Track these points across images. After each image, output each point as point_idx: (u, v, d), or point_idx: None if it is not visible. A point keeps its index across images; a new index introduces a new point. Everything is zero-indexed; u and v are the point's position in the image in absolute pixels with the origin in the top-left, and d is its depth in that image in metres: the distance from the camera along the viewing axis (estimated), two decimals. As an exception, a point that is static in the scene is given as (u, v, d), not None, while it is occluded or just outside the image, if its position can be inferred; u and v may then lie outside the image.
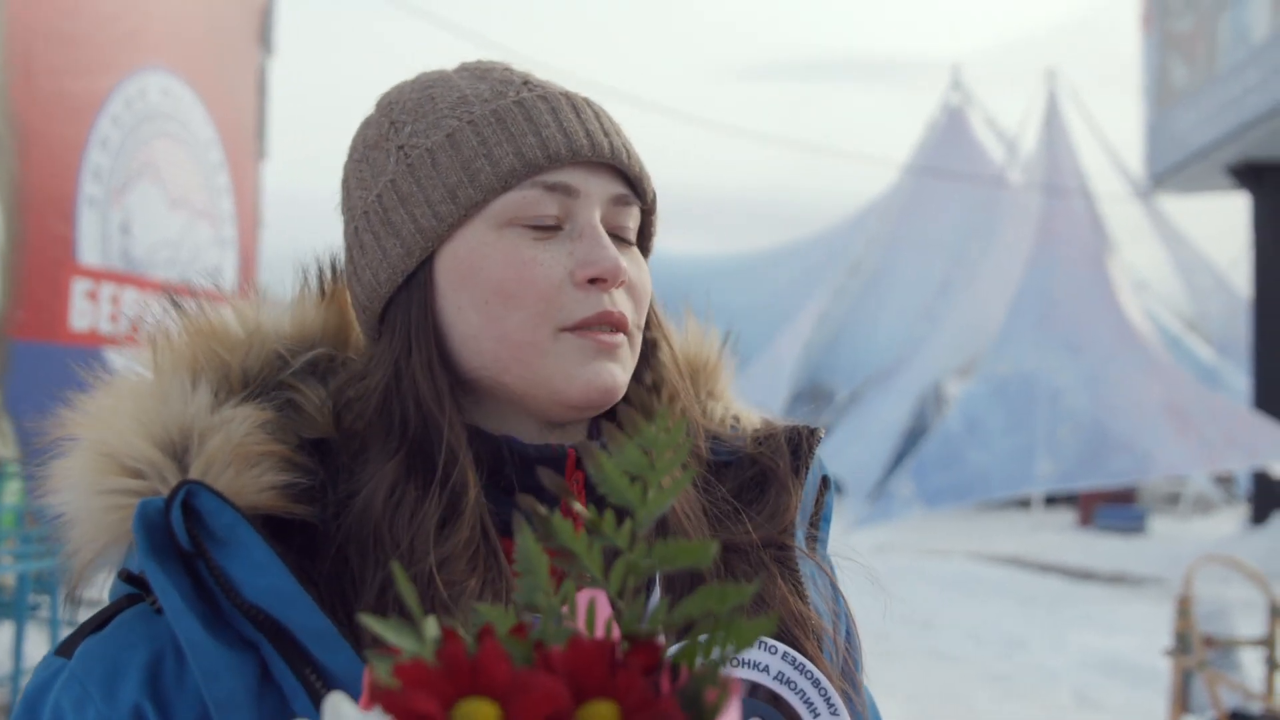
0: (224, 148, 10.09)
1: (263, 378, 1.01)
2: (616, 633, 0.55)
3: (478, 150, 0.98)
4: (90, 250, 8.39)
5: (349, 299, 1.09)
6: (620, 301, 1.00)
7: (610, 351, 0.99)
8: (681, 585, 1.00)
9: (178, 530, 0.88)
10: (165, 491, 0.91)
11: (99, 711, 0.88)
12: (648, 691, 0.51)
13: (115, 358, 1.03)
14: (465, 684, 0.50)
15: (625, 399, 1.04)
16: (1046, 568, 14.38)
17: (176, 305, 1.03)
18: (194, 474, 0.92)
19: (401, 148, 1.01)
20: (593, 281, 0.98)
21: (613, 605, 0.57)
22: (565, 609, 0.57)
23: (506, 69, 1.07)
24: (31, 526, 6.26)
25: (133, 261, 8.89)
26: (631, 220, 1.05)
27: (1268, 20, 15.58)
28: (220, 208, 10.13)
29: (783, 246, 27.64)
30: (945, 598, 11.70)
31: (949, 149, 22.81)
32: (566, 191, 0.99)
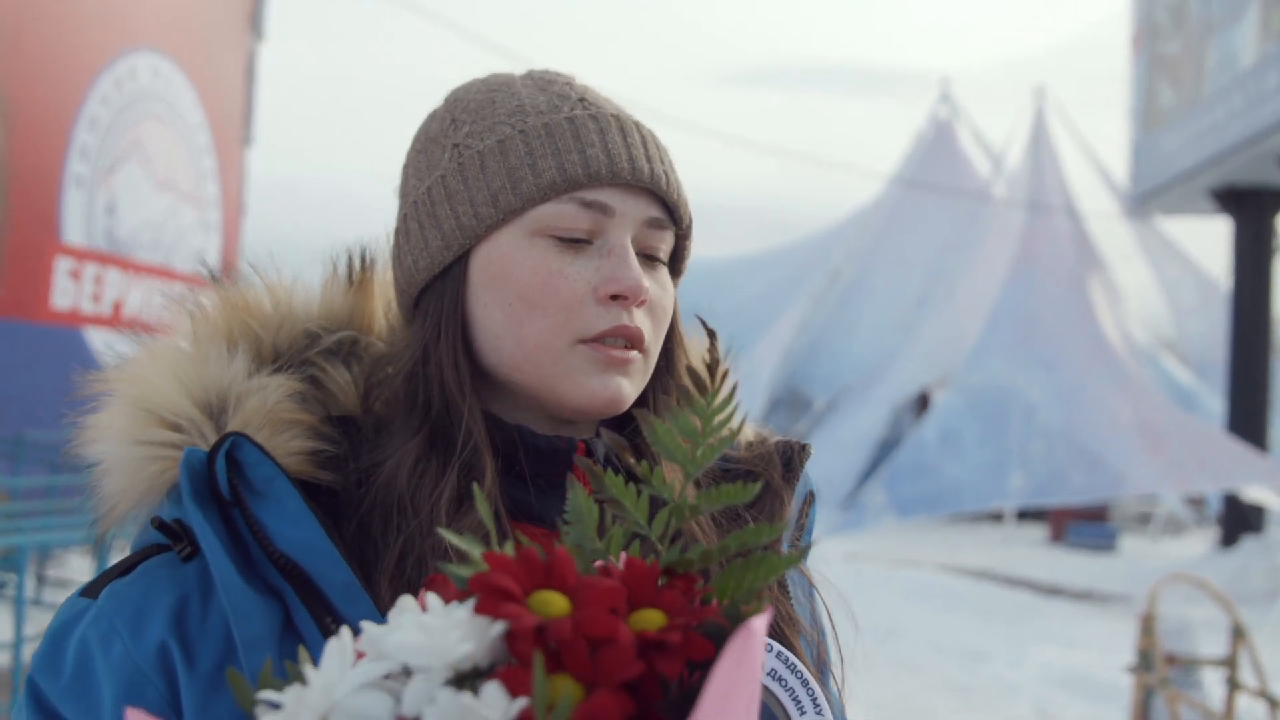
0: (212, 131, 10.06)
1: (291, 354, 1.07)
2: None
3: (524, 160, 1.03)
4: (74, 229, 8.36)
5: (387, 283, 1.16)
6: (639, 319, 1.06)
7: (621, 366, 1.04)
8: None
9: (220, 478, 0.94)
10: (204, 445, 0.97)
11: (125, 647, 0.92)
12: (689, 605, 0.58)
13: (160, 318, 1.09)
14: (540, 578, 0.57)
15: (644, 404, 1.12)
16: (1015, 582, 14.44)
17: (215, 280, 1.09)
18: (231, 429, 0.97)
19: (457, 146, 1.07)
20: (615, 298, 1.03)
21: (655, 548, 0.64)
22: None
23: (568, 83, 1.11)
24: (1, 504, 6.24)
25: (116, 242, 8.86)
26: (664, 243, 1.10)
27: (1255, 46, 15.68)
28: (205, 191, 10.10)
29: (764, 252, 27.63)
30: (912, 608, 11.75)
31: (935, 162, 22.85)
32: (602, 210, 1.04)
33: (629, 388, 1.05)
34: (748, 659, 0.53)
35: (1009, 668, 8.99)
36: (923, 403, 20.98)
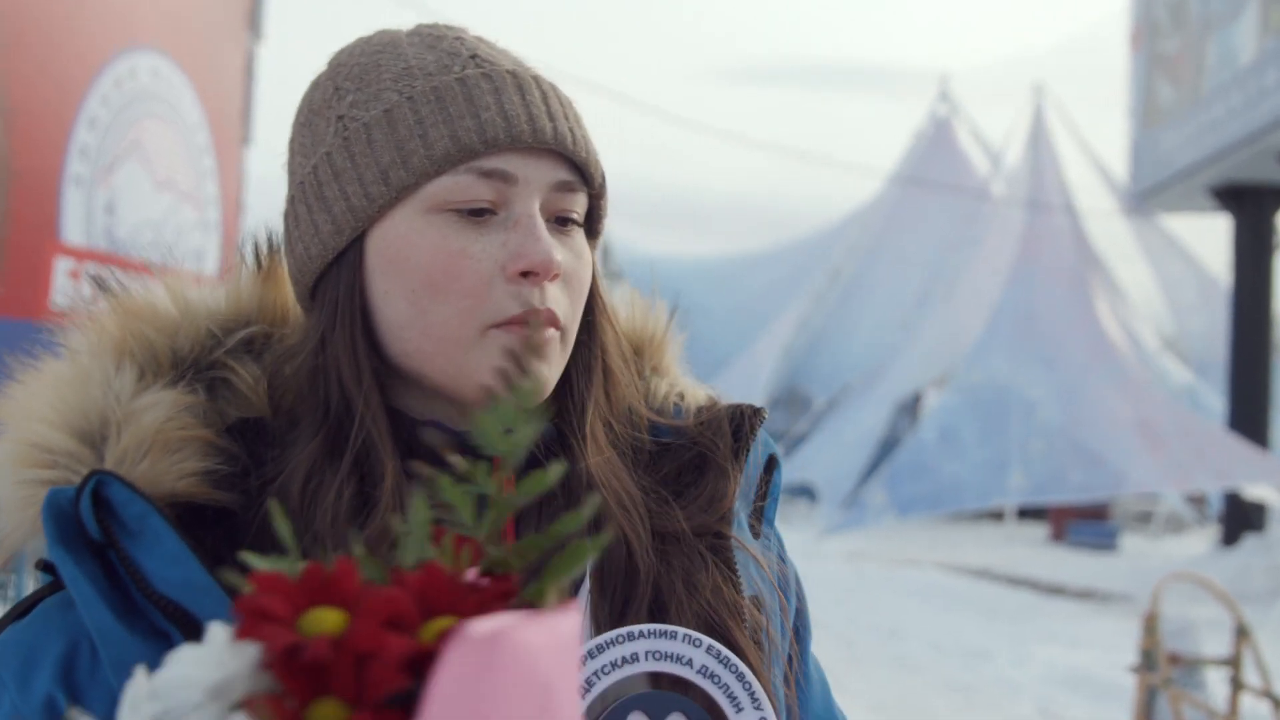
0: (211, 131, 10.05)
1: (194, 357, 0.99)
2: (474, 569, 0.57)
3: (413, 130, 0.95)
4: (74, 229, 8.34)
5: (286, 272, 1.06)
6: (552, 296, 0.96)
7: (536, 350, 0.93)
8: (614, 570, 0.99)
9: (87, 520, 0.87)
10: (77, 481, 0.89)
11: (13, 702, 0.87)
12: (494, 610, 0.52)
13: (53, 335, 1.00)
14: (318, 594, 0.52)
15: (565, 385, 1.03)
16: (1016, 581, 14.44)
17: (104, 286, 1.00)
18: (109, 462, 0.90)
19: (341, 118, 0.98)
20: (525, 275, 0.95)
21: (481, 548, 0.58)
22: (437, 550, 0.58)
23: (459, 38, 1.01)
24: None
25: (116, 242, 8.84)
26: (577, 205, 1.00)
27: (1254, 44, 15.68)
28: (205, 191, 10.08)
29: (764, 251, 27.63)
30: (913, 607, 11.74)
31: (934, 160, 22.86)
32: (503, 178, 0.95)
33: (547, 371, 0.96)
34: (489, 672, 0.47)
35: (1011, 667, 8.98)
36: (917, 403, 20.98)
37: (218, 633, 0.52)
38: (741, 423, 1.10)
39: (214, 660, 0.51)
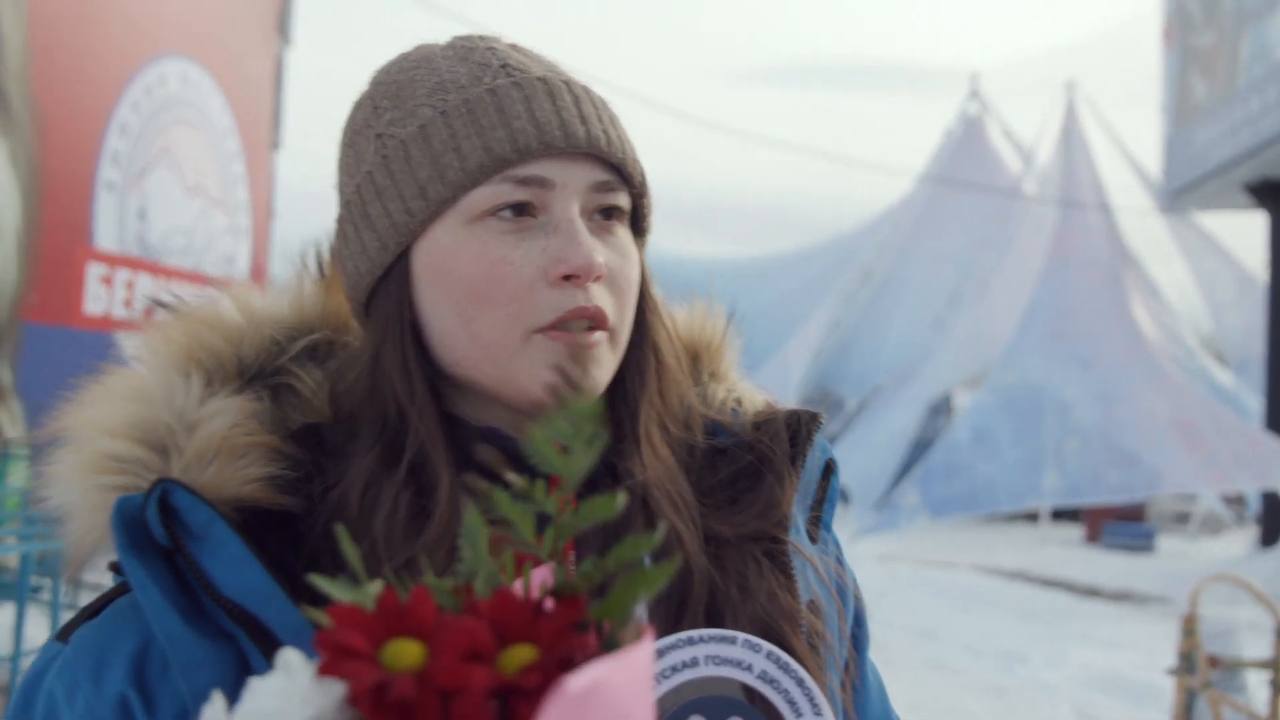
0: (240, 137, 10.11)
1: (259, 364, 1.01)
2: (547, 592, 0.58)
3: (448, 144, 0.96)
4: (106, 235, 8.41)
5: None
6: (598, 295, 0.97)
7: (583, 352, 0.97)
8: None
9: (154, 527, 0.88)
10: (145, 487, 0.91)
11: (87, 700, 0.89)
12: (567, 636, 0.54)
13: (122, 346, 1.04)
14: (395, 626, 0.53)
15: (618, 386, 1.03)
16: (1051, 583, 14.34)
17: (174, 298, 1.03)
18: (176, 469, 0.92)
19: (380, 136, 1.00)
20: (567, 278, 0.96)
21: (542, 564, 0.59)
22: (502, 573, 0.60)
23: (490, 49, 1.03)
24: (35, 508, 6.27)
25: (148, 248, 8.91)
26: (619, 202, 1.01)
27: (1290, 39, 15.51)
28: (235, 196, 10.14)
29: (795, 251, 27.61)
30: (948, 609, 11.68)
31: (965, 159, 22.76)
32: (540, 184, 0.96)
33: (597, 372, 0.97)
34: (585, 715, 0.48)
35: (1047, 669, 8.91)
36: (948, 403, 20.90)
37: (296, 664, 0.53)
38: (799, 428, 1.11)
39: (299, 697, 0.52)
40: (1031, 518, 20.56)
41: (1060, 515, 20.81)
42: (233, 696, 0.86)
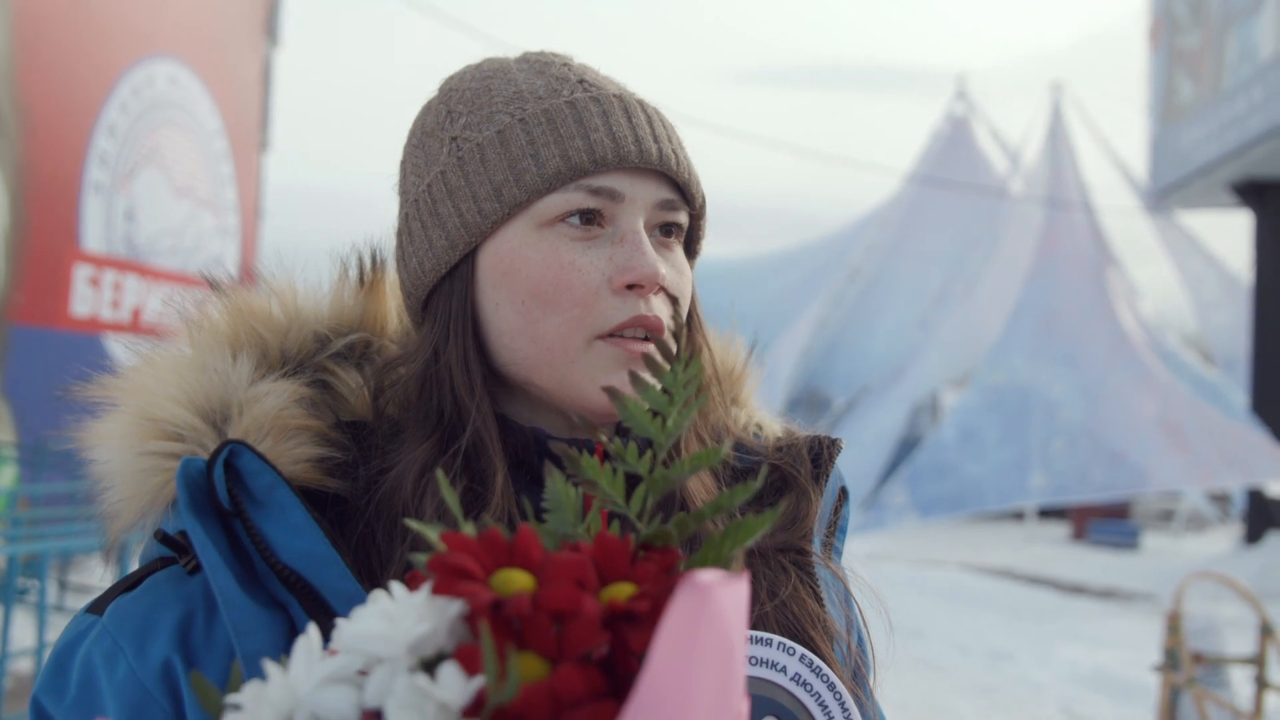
0: (228, 138, 10.09)
1: (300, 358, 1.04)
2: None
3: (525, 150, 0.99)
4: (94, 236, 8.39)
5: (398, 283, 1.11)
6: (657, 306, 1.01)
7: (641, 360, 0.99)
8: None
9: (219, 488, 0.91)
10: (205, 455, 0.93)
11: (129, 665, 0.90)
12: (664, 578, 0.55)
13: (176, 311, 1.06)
14: (503, 557, 0.55)
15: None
16: (1037, 581, 14.37)
17: (219, 287, 1.06)
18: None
19: (455, 139, 1.03)
20: (630, 287, 0.99)
21: (633, 525, 0.61)
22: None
23: (565, 64, 1.07)
24: (23, 510, 6.26)
25: (135, 249, 8.89)
26: (680, 220, 1.06)
27: (1275, 37, 15.57)
28: (223, 197, 10.13)
29: (783, 252, 27.58)
30: (935, 607, 11.70)
31: (952, 159, 22.78)
32: (611, 196, 1.00)
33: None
34: (706, 621, 0.49)
35: (1034, 667, 8.93)
36: (935, 403, 20.92)
37: (401, 591, 0.55)
38: (820, 451, 1.17)
39: (413, 615, 0.53)
40: (1018, 516, 20.62)
41: (1046, 513, 20.87)
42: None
